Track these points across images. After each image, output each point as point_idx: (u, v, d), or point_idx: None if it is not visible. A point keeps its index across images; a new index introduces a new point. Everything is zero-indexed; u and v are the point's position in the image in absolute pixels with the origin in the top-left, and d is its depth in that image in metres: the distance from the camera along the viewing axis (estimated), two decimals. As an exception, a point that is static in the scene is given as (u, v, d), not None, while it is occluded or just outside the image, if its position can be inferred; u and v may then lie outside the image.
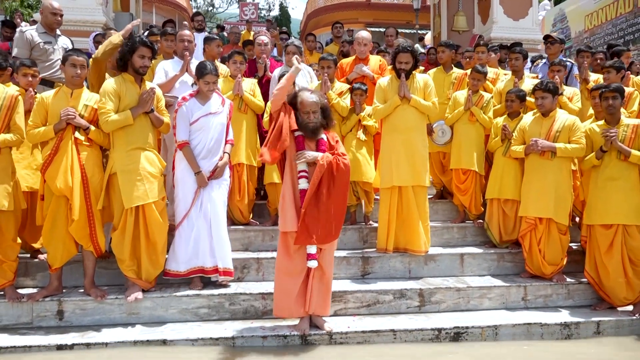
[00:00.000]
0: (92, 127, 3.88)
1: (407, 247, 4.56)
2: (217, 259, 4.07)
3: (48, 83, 4.86)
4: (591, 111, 4.93)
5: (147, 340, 3.60)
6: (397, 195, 4.53)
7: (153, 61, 5.10)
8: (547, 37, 5.94)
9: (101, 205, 3.90)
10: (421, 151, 4.54)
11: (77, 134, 3.83)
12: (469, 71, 5.40)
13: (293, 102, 3.67)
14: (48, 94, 3.92)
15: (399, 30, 9.28)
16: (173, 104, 4.51)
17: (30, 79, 4.24)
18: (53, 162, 3.78)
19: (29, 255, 4.32)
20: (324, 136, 3.71)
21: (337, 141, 3.78)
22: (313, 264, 3.59)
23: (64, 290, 4.03)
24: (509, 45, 6.71)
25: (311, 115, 3.62)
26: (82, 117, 3.86)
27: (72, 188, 3.75)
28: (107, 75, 4.43)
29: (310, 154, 3.61)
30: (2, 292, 3.87)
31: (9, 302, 3.81)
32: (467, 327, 3.88)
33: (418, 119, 4.55)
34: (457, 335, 3.85)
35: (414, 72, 4.60)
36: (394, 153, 4.53)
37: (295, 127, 3.64)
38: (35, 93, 4.18)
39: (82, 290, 4.00)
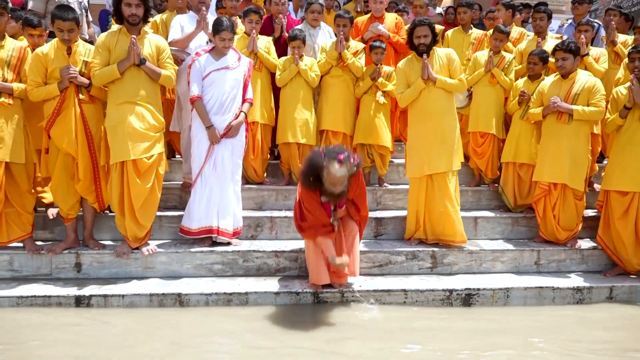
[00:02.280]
0: (92, 83, 3.83)
1: (440, 238, 4.28)
2: (220, 219, 4.08)
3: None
4: (619, 74, 4.77)
5: (163, 294, 3.67)
6: (427, 183, 4.29)
7: (166, 15, 5.03)
8: None
9: (103, 162, 3.89)
10: (452, 134, 4.24)
11: (80, 95, 3.80)
12: (489, 32, 5.24)
13: (319, 172, 3.42)
14: (44, 49, 3.81)
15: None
16: (186, 60, 4.47)
17: (36, 39, 4.13)
18: (57, 121, 3.79)
19: (45, 209, 4.39)
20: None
21: (358, 195, 3.72)
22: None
23: (80, 243, 4.10)
24: (532, 5, 6.48)
25: (338, 187, 3.42)
26: (82, 74, 3.81)
27: (77, 148, 3.79)
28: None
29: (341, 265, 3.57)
30: (22, 244, 3.96)
31: (28, 254, 3.90)
32: (478, 289, 3.90)
33: (446, 100, 4.24)
34: (468, 296, 3.87)
35: (434, 47, 4.29)
36: (423, 140, 4.25)
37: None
38: None
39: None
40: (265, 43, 4.95)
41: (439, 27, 5.35)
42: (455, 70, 4.29)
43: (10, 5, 4.51)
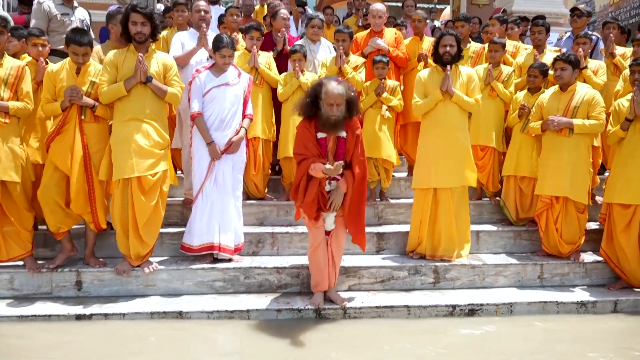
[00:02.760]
0: (97, 104, 3.86)
1: (437, 254, 4.26)
2: (221, 235, 4.07)
3: (65, 55, 4.85)
4: (618, 87, 4.79)
5: (164, 312, 3.65)
6: (433, 197, 4.28)
7: (167, 32, 5.08)
8: (574, 10, 5.74)
9: (102, 177, 3.89)
10: (463, 150, 4.25)
11: (82, 116, 3.82)
12: (487, 45, 5.26)
13: (317, 90, 3.49)
14: (55, 67, 3.91)
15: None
16: (186, 76, 4.49)
17: (40, 48, 4.20)
18: (56, 140, 3.83)
19: (46, 227, 4.37)
20: (344, 134, 3.58)
21: (357, 136, 3.61)
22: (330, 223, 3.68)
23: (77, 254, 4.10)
24: (530, 18, 6.53)
25: (334, 108, 3.42)
26: (89, 94, 3.85)
27: (70, 169, 3.81)
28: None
29: (338, 200, 3.57)
30: (22, 262, 3.94)
31: (29, 272, 3.89)
32: (481, 304, 3.87)
33: (459, 116, 4.25)
34: (471, 312, 3.84)
35: (457, 64, 4.31)
36: (433, 152, 4.24)
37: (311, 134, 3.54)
38: (47, 63, 4.17)
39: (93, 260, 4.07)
40: (266, 59, 4.97)
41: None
42: (473, 89, 4.30)
43: (11, 23, 4.56)
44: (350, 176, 3.59)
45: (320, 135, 3.56)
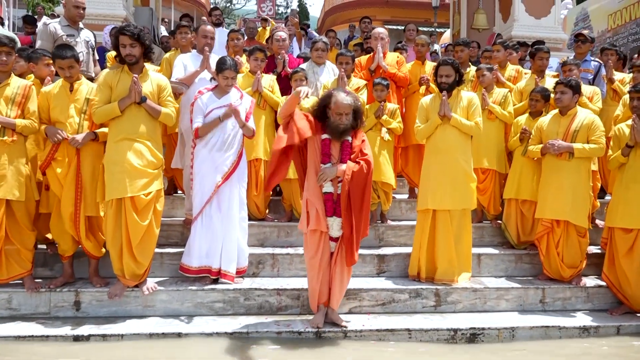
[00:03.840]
0: (98, 134, 3.91)
1: (436, 278, 4.25)
2: (222, 261, 4.06)
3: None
4: (617, 112, 4.82)
5: (163, 333, 3.61)
6: (432, 219, 4.31)
7: (170, 54, 5.14)
8: (578, 35, 5.77)
9: (100, 198, 3.89)
10: (462, 174, 4.27)
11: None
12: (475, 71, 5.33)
13: (327, 100, 3.58)
14: (49, 88, 3.95)
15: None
16: (184, 93, 4.55)
17: (52, 68, 4.27)
18: (52, 164, 3.87)
19: (46, 247, 4.37)
20: (349, 138, 3.63)
21: (363, 140, 3.69)
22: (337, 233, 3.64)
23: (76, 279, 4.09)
24: (528, 43, 6.61)
25: (343, 117, 3.53)
26: (83, 111, 3.89)
27: (61, 195, 3.85)
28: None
29: (331, 172, 3.55)
30: (21, 281, 3.92)
31: (27, 292, 3.86)
32: (483, 329, 3.83)
33: (460, 139, 4.28)
34: (473, 336, 3.81)
35: (458, 88, 4.35)
36: (433, 174, 4.29)
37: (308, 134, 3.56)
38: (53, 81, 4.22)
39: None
40: (269, 82, 5.03)
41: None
42: (472, 113, 4.32)
43: (19, 44, 4.62)
44: (352, 164, 3.59)
45: (325, 136, 3.63)
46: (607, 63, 5.30)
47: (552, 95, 4.74)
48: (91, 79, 4.48)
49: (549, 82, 5.07)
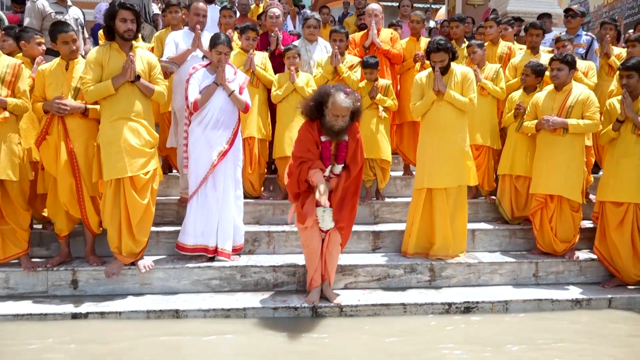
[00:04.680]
0: (88, 108, 3.86)
1: (432, 253, 4.28)
2: (218, 239, 4.08)
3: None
4: (612, 87, 4.82)
5: (160, 310, 3.64)
6: (427, 197, 4.30)
7: (161, 32, 5.08)
8: (567, 10, 5.78)
9: (95, 178, 3.88)
10: (458, 151, 4.24)
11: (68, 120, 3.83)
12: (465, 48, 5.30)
13: (324, 97, 3.48)
14: (46, 67, 3.92)
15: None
16: (175, 72, 4.52)
17: (43, 47, 4.23)
18: (43, 144, 3.85)
19: (42, 226, 4.37)
20: (345, 137, 3.60)
21: (358, 140, 3.66)
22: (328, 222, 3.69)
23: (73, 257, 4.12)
24: (523, 18, 6.56)
25: (340, 119, 3.47)
26: (77, 90, 3.84)
27: (56, 171, 3.83)
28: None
29: (324, 199, 3.49)
30: (18, 261, 3.93)
31: (24, 271, 3.88)
32: (477, 302, 3.88)
33: (455, 115, 4.22)
34: (467, 309, 3.86)
35: (451, 64, 4.27)
36: (429, 152, 4.27)
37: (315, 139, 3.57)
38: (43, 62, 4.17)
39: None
40: (261, 59, 4.98)
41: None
42: (467, 88, 4.26)
43: (6, 22, 4.55)
44: (345, 175, 3.66)
45: (324, 138, 3.58)
46: (605, 38, 5.27)
47: (546, 72, 4.73)
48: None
49: (544, 58, 5.05)
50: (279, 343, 3.33)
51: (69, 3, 5.18)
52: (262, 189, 5.08)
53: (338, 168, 3.63)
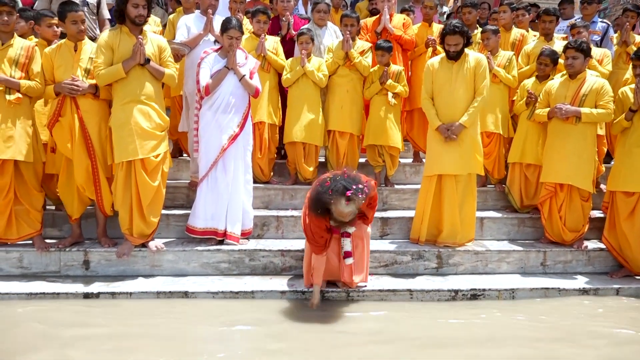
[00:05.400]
0: (98, 89, 3.89)
1: (440, 240, 4.29)
2: (228, 223, 4.12)
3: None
4: (627, 75, 4.75)
5: (170, 292, 3.71)
6: (437, 184, 4.29)
7: (172, 16, 5.07)
8: None
9: (110, 160, 3.93)
10: (467, 138, 4.19)
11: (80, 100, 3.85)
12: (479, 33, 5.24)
13: (327, 204, 3.35)
14: (51, 49, 3.94)
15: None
16: (186, 54, 4.53)
17: (55, 29, 4.24)
18: (57, 125, 3.89)
19: (55, 207, 4.44)
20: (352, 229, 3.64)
21: (364, 220, 3.71)
22: (349, 261, 3.61)
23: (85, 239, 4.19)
24: (539, 5, 6.45)
25: (347, 218, 3.43)
26: (88, 71, 3.87)
27: (72, 153, 3.87)
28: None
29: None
30: (31, 242, 4.01)
31: (37, 251, 3.95)
32: (484, 290, 3.90)
33: (466, 104, 4.18)
34: (473, 297, 3.88)
35: (465, 50, 4.22)
36: (438, 140, 4.24)
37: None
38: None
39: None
40: (273, 44, 4.97)
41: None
42: (480, 75, 4.20)
43: (19, 4, 4.58)
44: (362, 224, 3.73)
45: (333, 224, 3.58)
46: (625, 25, 5.17)
47: (560, 60, 4.67)
48: (93, 39, 4.43)
49: (558, 45, 4.98)
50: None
51: (83, -15, 5.17)
52: (272, 173, 5.10)
53: (351, 229, 3.60)
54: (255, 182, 4.79)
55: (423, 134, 5.14)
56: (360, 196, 3.32)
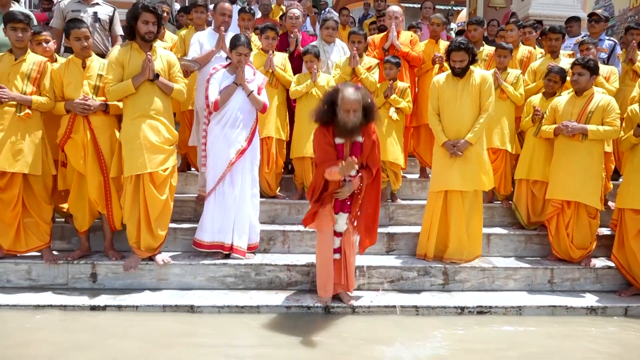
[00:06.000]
0: (108, 105, 3.96)
1: (447, 257, 4.28)
2: (234, 237, 4.14)
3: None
4: (634, 93, 4.75)
5: (176, 305, 3.72)
6: (444, 200, 4.29)
7: (185, 31, 5.16)
8: (591, 15, 5.71)
9: (114, 174, 3.98)
10: (474, 155, 4.22)
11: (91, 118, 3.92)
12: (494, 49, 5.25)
13: (333, 96, 3.46)
14: (60, 66, 4.02)
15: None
16: (196, 70, 4.61)
17: (44, 45, 4.21)
18: (71, 140, 3.94)
19: (64, 220, 4.48)
20: (360, 139, 3.59)
21: (373, 142, 3.64)
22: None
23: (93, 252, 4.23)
24: (545, 22, 6.49)
25: (351, 114, 3.41)
26: (97, 88, 3.94)
27: (85, 168, 3.92)
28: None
29: (349, 189, 3.59)
30: (40, 254, 4.05)
31: (46, 263, 3.99)
32: (490, 307, 3.88)
33: (472, 121, 4.21)
34: (480, 314, 3.85)
35: (471, 68, 4.28)
36: (444, 156, 4.26)
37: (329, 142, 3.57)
38: (56, 60, 4.27)
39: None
40: (281, 60, 5.04)
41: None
42: (485, 91, 4.24)
43: (34, 21, 4.68)
44: (366, 174, 3.64)
45: (338, 141, 3.58)
46: (631, 43, 5.19)
47: (567, 77, 4.69)
48: (102, 55, 4.50)
49: (564, 62, 5.00)
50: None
51: (97, 1, 5.27)
52: (279, 188, 5.13)
53: (352, 164, 3.51)
54: (262, 196, 4.81)
55: (429, 149, 5.15)
56: (366, 91, 3.51)
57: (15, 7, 4.80)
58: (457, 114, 4.24)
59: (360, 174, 3.62)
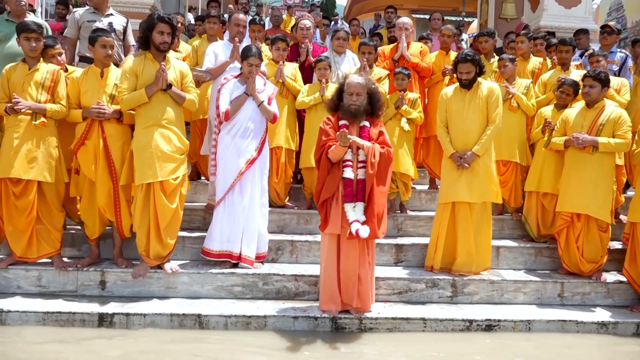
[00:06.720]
0: (122, 114, 4.01)
1: (455, 269, 4.26)
2: (243, 246, 4.15)
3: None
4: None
5: (183, 314, 3.73)
6: (452, 212, 4.29)
7: (198, 41, 5.20)
8: (604, 27, 5.69)
9: (124, 182, 4.01)
10: (482, 167, 4.21)
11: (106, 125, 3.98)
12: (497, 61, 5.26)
13: (342, 84, 3.73)
14: (77, 74, 4.09)
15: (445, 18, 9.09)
16: (210, 80, 4.65)
17: (58, 58, 4.27)
18: (84, 147, 3.99)
19: (78, 227, 4.51)
20: (366, 123, 3.69)
21: (381, 131, 3.74)
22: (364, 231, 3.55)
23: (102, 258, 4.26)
24: (554, 32, 6.48)
25: (354, 97, 3.62)
26: (112, 97, 4.00)
27: (95, 175, 3.97)
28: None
29: (350, 139, 3.55)
30: (50, 260, 4.08)
31: (56, 270, 4.02)
32: (499, 320, 3.84)
33: (480, 132, 4.21)
34: (488, 327, 3.82)
35: (479, 80, 4.29)
36: (452, 167, 4.27)
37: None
38: (66, 70, 4.33)
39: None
40: (291, 70, 5.07)
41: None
42: (492, 103, 4.24)
43: (49, 31, 4.75)
44: (378, 146, 3.66)
45: (342, 122, 3.69)
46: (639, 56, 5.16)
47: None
48: (116, 64, 4.56)
49: (575, 74, 4.98)
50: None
51: (111, 12, 5.34)
52: (287, 198, 5.14)
53: (361, 154, 3.67)
54: (270, 206, 4.82)
55: (439, 160, 5.13)
56: (371, 78, 3.81)
57: (30, 17, 4.88)
58: (465, 125, 4.24)
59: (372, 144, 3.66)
